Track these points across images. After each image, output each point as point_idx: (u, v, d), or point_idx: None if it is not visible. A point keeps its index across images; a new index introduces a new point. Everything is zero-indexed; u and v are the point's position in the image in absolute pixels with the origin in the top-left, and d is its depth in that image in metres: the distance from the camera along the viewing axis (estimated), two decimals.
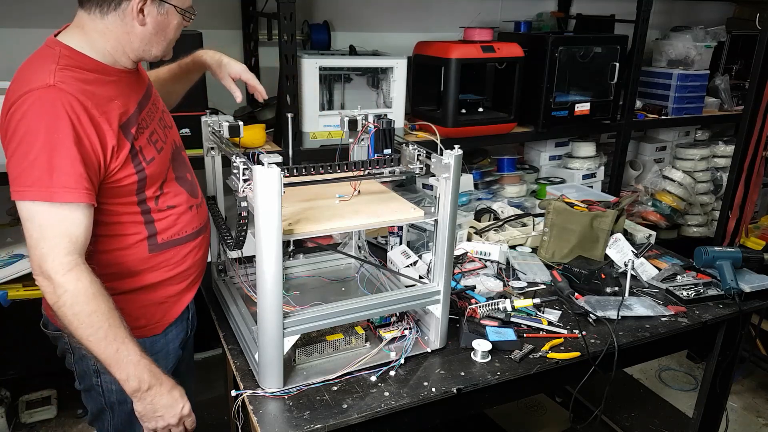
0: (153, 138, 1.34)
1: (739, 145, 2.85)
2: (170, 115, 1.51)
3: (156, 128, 1.37)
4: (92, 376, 1.41)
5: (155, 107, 1.42)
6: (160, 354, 1.44)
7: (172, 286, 1.42)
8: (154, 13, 1.24)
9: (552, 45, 2.86)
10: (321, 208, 1.40)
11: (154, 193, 1.33)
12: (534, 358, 1.51)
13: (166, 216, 1.36)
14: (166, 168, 1.37)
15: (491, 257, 1.94)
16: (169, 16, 1.27)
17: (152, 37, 1.27)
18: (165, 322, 1.44)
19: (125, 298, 1.33)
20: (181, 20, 1.30)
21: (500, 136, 2.95)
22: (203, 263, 1.53)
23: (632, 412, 2.59)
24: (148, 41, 1.28)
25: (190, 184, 1.47)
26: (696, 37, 3.59)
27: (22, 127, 1.12)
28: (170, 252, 1.39)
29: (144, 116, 1.33)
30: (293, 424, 1.24)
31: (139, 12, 1.22)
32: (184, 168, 1.47)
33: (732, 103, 3.77)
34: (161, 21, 1.26)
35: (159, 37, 1.28)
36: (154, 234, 1.35)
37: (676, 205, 3.70)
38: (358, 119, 1.63)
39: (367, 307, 1.39)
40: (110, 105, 1.22)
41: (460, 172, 1.36)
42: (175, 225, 1.39)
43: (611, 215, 2.00)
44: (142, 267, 1.35)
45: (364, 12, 3.09)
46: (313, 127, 2.49)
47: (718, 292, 1.84)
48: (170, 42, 1.33)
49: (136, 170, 1.26)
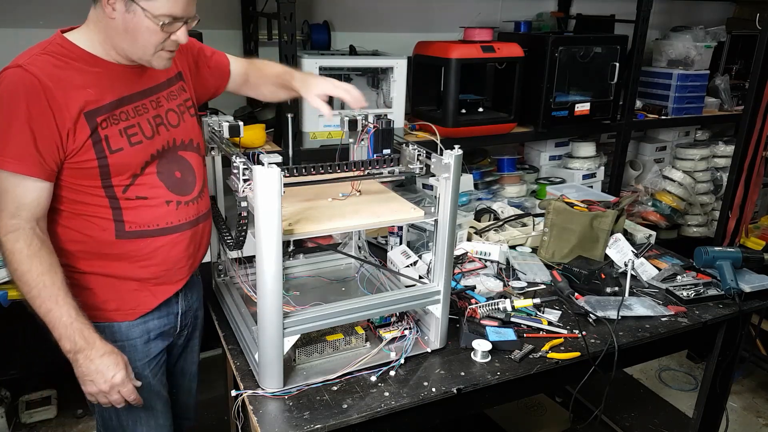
0: (130, 131, 1.33)
1: (739, 145, 2.85)
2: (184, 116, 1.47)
3: (141, 123, 1.35)
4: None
5: (155, 104, 1.40)
6: (138, 340, 1.44)
7: (142, 276, 1.41)
8: (122, 9, 1.23)
9: (552, 45, 2.86)
10: (321, 208, 1.40)
11: (121, 182, 1.33)
12: (534, 358, 1.51)
13: (135, 206, 1.36)
14: (141, 162, 1.35)
15: (491, 257, 1.94)
16: (137, 17, 1.23)
17: (124, 36, 1.26)
18: (139, 311, 1.43)
19: (95, 278, 1.38)
20: (155, 27, 1.24)
21: (500, 136, 2.95)
22: (187, 261, 1.48)
23: (632, 412, 2.59)
24: (123, 39, 1.27)
25: (178, 181, 1.43)
26: (696, 37, 3.59)
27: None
28: (139, 242, 1.38)
29: (127, 109, 1.33)
30: (293, 424, 1.24)
31: (108, 3, 1.22)
32: (176, 166, 1.43)
33: (732, 103, 3.77)
34: (128, 20, 1.24)
35: (129, 36, 1.26)
36: (120, 221, 1.35)
37: (676, 205, 3.70)
38: (358, 119, 1.63)
39: (367, 307, 1.39)
40: (79, 92, 1.25)
41: (460, 172, 1.36)
42: (146, 216, 1.37)
43: (611, 215, 2.00)
44: (108, 251, 1.36)
45: (364, 12, 3.09)
46: (313, 127, 2.49)
47: (718, 292, 1.84)
48: (146, 46, 1.27)
49: (97, 156, 1.28)
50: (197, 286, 1.63)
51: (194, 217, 1.47)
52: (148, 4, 1.22)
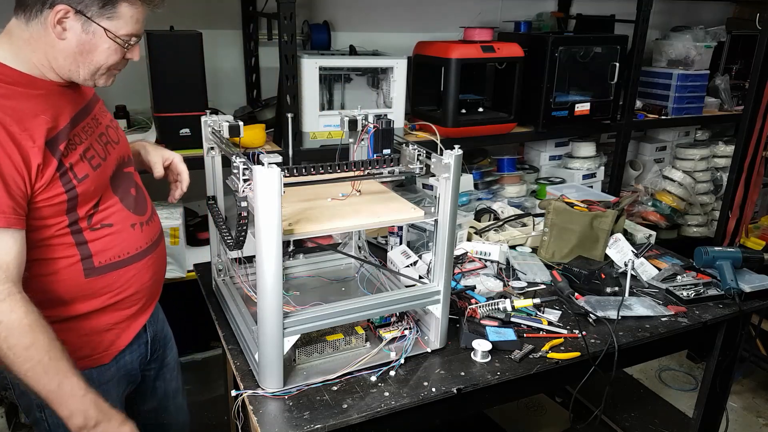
0: (88, 155, 1.25)
1: (739, 145, 2.85)
2: (119, 131, 1.43)
3: (93, 144, 1.28)
4: (35, 410, 1.31)
5: (96, 122, 1.33)
6: (111, 383, 1.37)
7: (117, 312, 1.33)
8: (77, 30, 1.13)
9: (552, 45, 2.86)
10: (321, 208, 1.40)
11: (86, 213, 1.24)
12: (534, 358, 1.51)
13: (101, 236, 1.27)
14: (104, 185, 1.28)
15: (491, 257, 1.94)
16: (96, 37, 1.15)
17: (76, 57, 1.16)
18: (113, 351, 1.36)
19: (64, 326, 1.24)
20: (115, 47, 1.18)
21: (500, 136, 2.95)
22: (156, 285, 1.44)
23: (632, 412, 2.59)
24: (73, 60, 1.17)
25: (135, 200, 1.38)
26: (696, 37, 3.59)
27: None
28: (111, 276, 1.29)
29: (78, 131, 1.24)
30: (293, 424, 1.24)
31: (57, 23, 1.12)
32: (128, 183, 1.38)
33: (732, 103, 3.77)
34: (86, 41, 1.15)
35: (84, 58, 1.17)
36: (88, 256, 1.25)
37: (676, 205, 3.70)
38: (358, 119, 1.63)
39: (367, 307, 1.39)
40: (35, 120, 1.13)
41: (460, 172, 1.36)
42: (114, 246, 1.29)
43: (611, 215, 2.00)
44: (79, 293, 1.26)
45: (364, 12, 3.09)
46: (313, 127, 2.49)
47: (718, 292, 1.84)
48: (100, 67, 1.20)
49: (65, 189, 1.17)
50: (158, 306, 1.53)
51: (156, 237, 1.42)
52: (111, 23, 1.15)
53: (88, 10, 1.12)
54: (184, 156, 1.59)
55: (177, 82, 2.24)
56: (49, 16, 1.11)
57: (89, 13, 1.12)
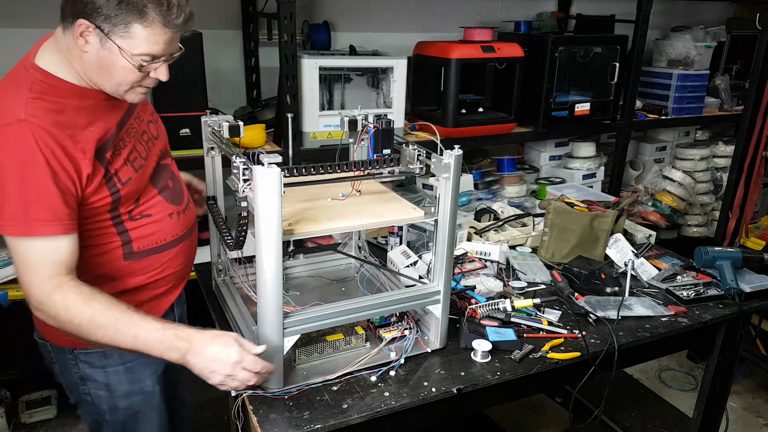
0: (131, 157, 1.30)
1: (739, 145, 2.85)
2: (159, 123, 1.47)
3: (136, 145, 1.34)
4: (79, 385, 1.40)
5: (138, 120, 1.37)
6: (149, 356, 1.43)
7: (151, 290, 1.40)
8: (96, 45, 1.14)
9: (552, 45, 2.86)
10: (321, 208, 1.40)
11: (128, 209, 1.31)
12: (534, 358, 1.51)
13: (140, 225, 1.33)
14: (145, 183, 1.34)
15: (491, 257, 1.94)
16: (112, 54, 1.15)
17: (98, 70, 1.18)
18: None
19: None
20: (130, 66, 1.17)
21: (500, 136, 2.95)
22: (187, 267, 1.51)
23: (632, 412, 2.59)
24: (96, 73, 1.19)
25: (172, 191, 1.44)
26: (696, 37, 3.59)
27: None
28: (148, 260, 1.36)
29: (123, 135, 1.30)
30: (293, 424, 1.24)
31: (80, 36, 1.13)
32: (166, 176, 1.44)
33: (732, 103, 3.77)
34: (103, 56, 1.15)
35: (104, 72, 1.18)
36: (128, 242, 1.32)
37: (676, 205, 3.70)
38: (358, 119, 1.63)
39: (367, 307, 1.39)
40: (85, 133, 1.19)
41: (460, 172, 1.36)
42: (153, 234, 1.36)
43: (611, 215, 2.00)
44: (117, 274, 1.33)
45: (364, 12, 3.09)
46: (313, 127, 2.49)
47: (718, 292, 1.84)
48: (120, 83, 1.21)
49: (110, 192, 1.25)
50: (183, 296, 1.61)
51: (191, 224, 1.50)
52: (125, 42, 1.14)
53: (104, 27, 1.12)
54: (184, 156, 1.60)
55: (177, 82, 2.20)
56: (74, 28, 1.13)
57: (105, 30, 1.12)
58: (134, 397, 1.43)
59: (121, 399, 1.42)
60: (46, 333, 1.38)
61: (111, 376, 1.39)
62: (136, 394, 1.43)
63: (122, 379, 1.40)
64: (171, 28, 1.16)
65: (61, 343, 1.37)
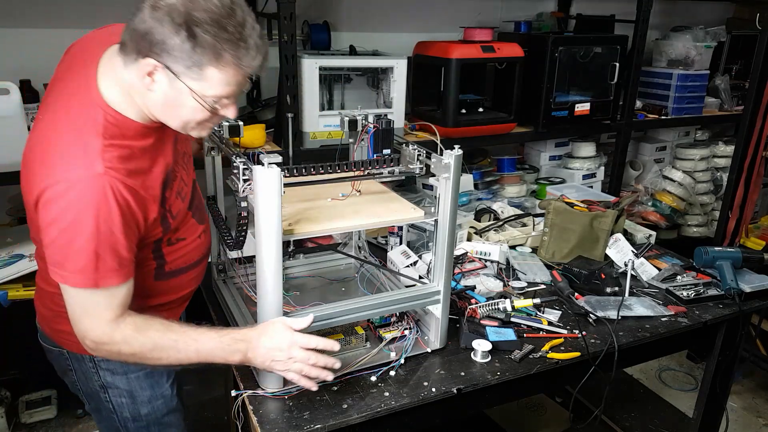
0: (179, 187, 1.30)
1: (739, 145, 2.85)
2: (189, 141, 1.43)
3: (182, 173, 1.33)
4: (100, 393, 1.38)
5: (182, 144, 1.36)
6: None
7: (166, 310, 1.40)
8: (165, 84, 1.09)
9: (552, 45, 2.86)
10: (321, 208, 1.40)
11: (168, 236, 1.30)
12: (534, 358, 1.51)
13: (176, 249, 1.34)
14: (186, 210, 1.34)
15: (491, 257, 1.94)
16: (182, 95, 1.10)
17: (164, 108, 1.14)
18: None
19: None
20: (201, 107, 1.12)
21: (500, 136, 2.95)
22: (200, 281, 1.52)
23: (632, 412, 2.59)
24: (162, 111, 1.15)
25: (200, 210, 1.44)
26: (696, 37, 3.59)
27: (68, 215, 1.06)
28: (175, 280, 1.37)
29: (174, 166, 1.28)
30: (293, 424, 1.24)
31: (147, 75, 1.08)
32: (196, 194, 1.43)
33: (732, 103, 3.77)
34: (172, 97, 1.11)
35: (171, 111, 1.14)
36: (162, 264, 1.33)
37: (676, 205, 3.70)
38: (358, 119, 1.63)
39: (367, 307, 1.39)
40: (152, 176, 1.19)
41: (460, 172, 1.36)
42: (183, 255, 1.36)
43: (611, 215, 2.00)
44: (143, 293, 1.32)
45: (364, 12, 3.09)
46: (313, 127, 2.49)
47: (718, 292, 1.84)
48: (187, 122, 1.16)
49: (162, 228, 1.25)
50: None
51: (210, 243, 1.50)
52: (197, 84, 1.08)
53: (175, 68, 1.07)
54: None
55: None
56: (140, 66, 1.08)
57: (176, 71, 1.07)
58: (156, 402, 1.43)
59: (143, 405, 1.41)
60: (64, 341, 1.35)
61: (133, 382, 1.38)
62: (157, 399, 1.42)
63: (143, 384, 1.40)
64: (247, 70, 1.11)
65: (80, 351, 1.33)
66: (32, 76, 2.23)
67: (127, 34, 1.08)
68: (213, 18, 1.04)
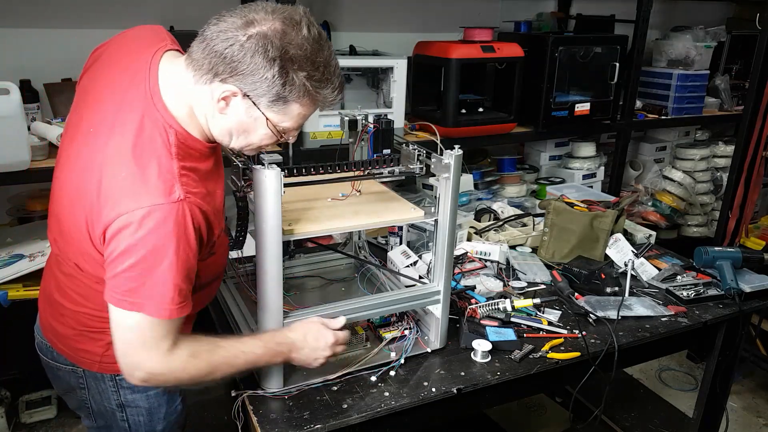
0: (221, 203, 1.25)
1: (739, 145, 2.85)
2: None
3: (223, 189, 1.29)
4: (116, 412, 1.34)
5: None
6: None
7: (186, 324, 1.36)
8: (240, 111, 1.08)
9: (552, 45, 2.86)
10: (321, 208, 1.40)
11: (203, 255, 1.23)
12: (534, 358, 1.51)
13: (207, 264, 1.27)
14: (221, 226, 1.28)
15: (491, 257, 1.94)
16: (257, 123, 1.10)
17: (231, 131, 1.12)
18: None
19: None
20: (270, 135, 1.13)
21: (500, 136, 2.95)
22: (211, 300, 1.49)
23: (632, 412, 2.59)
24: (226, 133, 1.12)
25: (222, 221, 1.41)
26: (696, 37, 3.59)
27: (147, 243, 1.02)
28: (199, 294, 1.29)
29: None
30: (293, 424, 1.24)
31: (223, 99, 1.06)
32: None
33: (732, 103, 3.77)
34: (246, 123, 1.10)
35: (238, 135, 1.13)
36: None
37: (676, 205, 3.70)
38: (358, 119, 1.63)
39: (367, 307, 1.39)
40: (216, 199, 1.16)
41: (460, 172, 1.36)
42: (211, 270, 1.31)
43: (611, 215, 2.00)
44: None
45: (364, 12, 3.09)
46: (313, 127, 2.49)
47: (718, 292, 1.84)
48: (251, 145, 1.16)
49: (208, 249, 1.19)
50: None
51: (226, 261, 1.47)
52: (276, 116, 1.09)
53: (257, 99, 1.06)
54: None
55: None
56: (215, 90, 1.05)
57: (258, 102, 1.06)
58: (170, 418, 1.40)
59: (159, 422, 1.38)
60: (83, 360, 1.29)
61: (152, 399, 1.35)
62: (171, 414, 1.40)
63: (161, 400, 1.36)
64: (325, 105, 1.12)
65: (100, 370, 1.29)
66: (32, 76, 2.23)
67: (200, 50, 1.05)
68: (306, 56, 1.03)
